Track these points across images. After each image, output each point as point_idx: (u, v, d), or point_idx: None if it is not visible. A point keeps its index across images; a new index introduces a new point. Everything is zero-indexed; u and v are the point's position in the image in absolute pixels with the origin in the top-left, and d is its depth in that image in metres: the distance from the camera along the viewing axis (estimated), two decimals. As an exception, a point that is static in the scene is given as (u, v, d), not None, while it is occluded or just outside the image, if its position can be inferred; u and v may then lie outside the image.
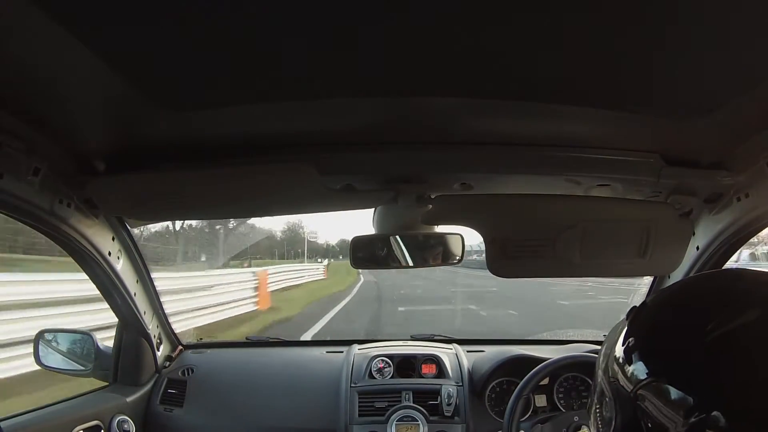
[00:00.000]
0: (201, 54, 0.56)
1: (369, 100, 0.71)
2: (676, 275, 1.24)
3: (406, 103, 0.72)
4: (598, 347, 1.56)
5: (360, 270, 11.77)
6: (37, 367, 1.32)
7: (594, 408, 0.56)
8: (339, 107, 0.73)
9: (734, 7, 0.48)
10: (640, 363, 0.48)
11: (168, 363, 1.52)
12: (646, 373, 0.47)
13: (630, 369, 0.49)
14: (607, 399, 0.52)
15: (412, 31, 0.52)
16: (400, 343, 1.63)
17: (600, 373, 0.54)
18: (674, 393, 0.44)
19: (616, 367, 0.51)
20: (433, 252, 1.07)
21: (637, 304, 0.54)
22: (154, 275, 1.33)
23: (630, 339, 0.51)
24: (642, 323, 0.52)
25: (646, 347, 0.49)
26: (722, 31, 0.52)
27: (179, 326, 1.78)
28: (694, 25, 0.51)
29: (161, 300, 1.41)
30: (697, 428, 0.42)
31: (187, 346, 1.60)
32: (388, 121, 0.79)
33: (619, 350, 0.51)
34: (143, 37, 0.53)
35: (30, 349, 1.36)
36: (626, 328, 0.52)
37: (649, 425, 0.46)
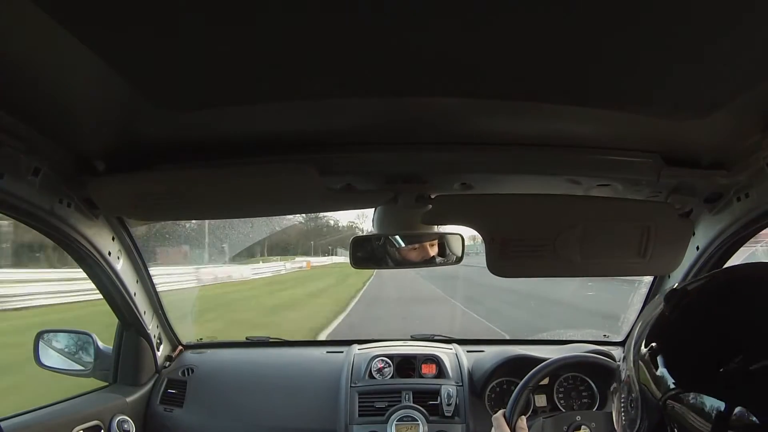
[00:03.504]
0: (201, 54, 0.56)
1: (369, 100, 0.71)
2: (676, 275, 1.25)
3: (406, 103, 0.72)
4: (599, 347, 1.56)
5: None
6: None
7: (619, 394, 0.55)
8: (339, 107, 0.73)
9: (734, 7, 0.48)
10: (672, 369, 0.48)
11: (168, 363, 1.52)
12: (677, 382, 0.47)
13: (659, 372, 0.48)
14: (633, 395, 0.51)
15: (412, 31, 0.52)
16: (400, 343, 1.63)
17: (630, 360, 0.53)
18: (708, 404, 0.44)
19: (646, 362, 0.50)
20: (433, 252, 1.07)
21: (677, 286, 0.52)
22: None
23: (666, 334, 0.50)
24: (683, 317, 0.50)
25: (681, 353, 0.48)
26: (722, 31, 0.52)
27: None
28: (694, 25, 0.51)
29: (161, 300, 1.41)
30: None
31: (187, 346, 1.60)
32: (388, 121, 0.79)
33: (651, 342, 0.50)
34: (143, 37, 0.53)
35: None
36: (664, 319, 0.51)
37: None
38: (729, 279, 0.54)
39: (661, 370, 0.48)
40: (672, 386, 0.47)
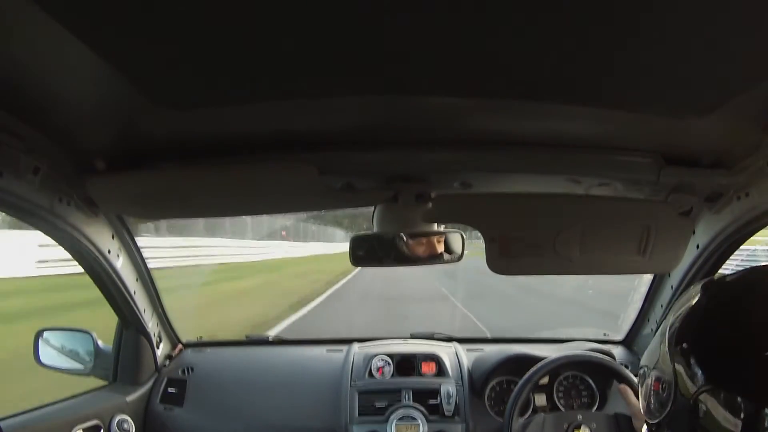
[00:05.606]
0: (201, 53, 0.56)
1: (369, 100, 0.71)
2: (677, 273, 1.25)
3: (406, 102, 0.72)
4: (599, 346, 1.56)
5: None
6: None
7: (650, 379, 0.56)
8: (339, 107, 0.73)
9: (734, 6, 0.48)
10: (707, 363, 0.48)
11: (168, 362, 1.52)
12: (711, 377, 0.47)
13: (693, 367, 0.49)
14: (666, 378, 0.52)
15: (412, 30, 0.52)
16: (400, 341, 1.63)
17: (665, 346, 0.54)
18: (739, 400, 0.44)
19: (678, 354, 0.51)
20: (440, 248, 1.07)
21: (715, 277, 0.54)
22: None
23: (702, 324, 0.50)
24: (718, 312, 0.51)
25: (713, 347, 0.49)
26: (722, 31, 0.52)
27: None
28: (693, 25, 0.51)
29: (161, 298, 1.41)
30: None
31: (187, 345, 1.60)
32: (387, 120, 0.79)
33: (686, 333, 0.51)
34: (143, 36, 0.53)
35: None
36: (701, 309, 0.52)
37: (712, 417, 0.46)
38: (765, 273, 0.55)
39: (695, 367, 0.49)
40: (705, 381, 0.47)
